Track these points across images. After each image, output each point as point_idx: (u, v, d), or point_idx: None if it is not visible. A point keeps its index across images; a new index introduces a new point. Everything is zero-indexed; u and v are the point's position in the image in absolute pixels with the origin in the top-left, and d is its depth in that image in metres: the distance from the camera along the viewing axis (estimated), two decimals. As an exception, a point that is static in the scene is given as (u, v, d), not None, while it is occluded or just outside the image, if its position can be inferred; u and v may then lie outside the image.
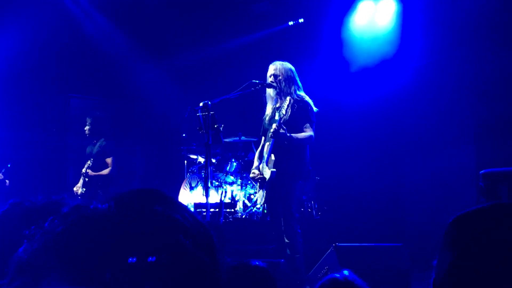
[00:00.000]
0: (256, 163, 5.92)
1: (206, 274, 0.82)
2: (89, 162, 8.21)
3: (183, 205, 0.90)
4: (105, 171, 8.29)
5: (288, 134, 5.47)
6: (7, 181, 8.75)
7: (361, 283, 1.80)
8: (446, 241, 1.17)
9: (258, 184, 5.83)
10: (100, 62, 9.66)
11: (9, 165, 8.77)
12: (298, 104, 5.62)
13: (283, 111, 5.47)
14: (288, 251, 5.53)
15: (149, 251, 0.78)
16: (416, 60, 8.05)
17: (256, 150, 6.12)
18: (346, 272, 1.84)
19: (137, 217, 0.82)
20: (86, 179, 8.24)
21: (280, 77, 5.72)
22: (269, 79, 5.77)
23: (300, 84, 5.82)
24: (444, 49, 7.74)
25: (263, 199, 5.69)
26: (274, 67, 5.79)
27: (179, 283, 0.79)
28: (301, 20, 9.06)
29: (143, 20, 9.37)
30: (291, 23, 9.17)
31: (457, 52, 7.59)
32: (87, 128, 8.40)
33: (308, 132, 5.64)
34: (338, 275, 1.82)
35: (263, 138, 6.00)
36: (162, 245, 0.80)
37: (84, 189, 8.28)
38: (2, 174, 8.70)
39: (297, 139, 5.57)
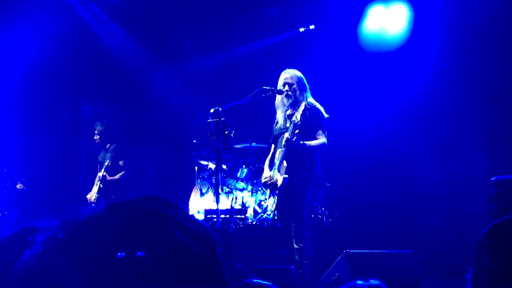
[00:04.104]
0: (266, 170, 5.91)
1: (201, 265, 0.84)
2: (107, 162, 8.13)
3: (180, 207, 0.92)
4: (119, 175, 8.24)
5: (301, 142, 5.46)
6: (19, 184, 8.78)
7: None
8: (484, 247, 1.26)
9: (268, 191, 5.82)
10: (112, 68, 9.71)
11: (30, 174, 8.82)
12: (310, 111, 5.60)
13: (297, 118, 5.44)
14: (296, 257, 5.53)
15: (140, 245, 0.81)
16: (428, 65, 8.01)
17: (267, 158, 6.11)
18: (374, 282, 1.68)
19: (127, 215, 0.86)
20: (101, 185, 8.18)
21: (295, 86, 5.72)
22: (282, 87, 5.76)
23: (309, 90, 5.82)
24: (456, 55, 7.71)
25: (274, 206, 5.68)
26: (288, 76, 5.77)
27: (174, 275, 0.82)
28: (312, 27, 9.07)
29: (155, 26, 9.41)
30: (302, 29, 9.17)
31: (469, 57, 7.55)
32: (96, 135, 8.38)
33: (321, 140, 5.63)
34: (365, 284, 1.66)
35: (273, 145, 5.99)
36: (153, 239, 0.83)
37: (98, 195, 8.23)
38: (23, 183, 8.76)
39: (310, 146, 5.56)
